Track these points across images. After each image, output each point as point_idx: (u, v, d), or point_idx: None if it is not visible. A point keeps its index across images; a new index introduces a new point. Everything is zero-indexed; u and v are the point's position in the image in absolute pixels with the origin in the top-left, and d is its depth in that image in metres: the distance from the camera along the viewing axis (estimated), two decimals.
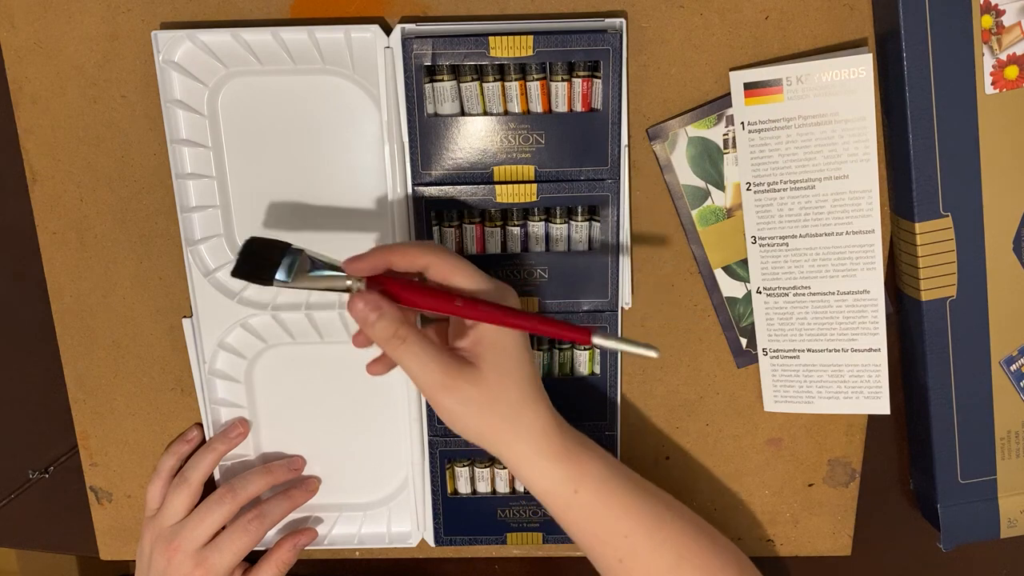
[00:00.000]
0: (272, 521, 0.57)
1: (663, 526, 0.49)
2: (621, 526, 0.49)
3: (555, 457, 0.48)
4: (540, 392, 0.49)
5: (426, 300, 0.46)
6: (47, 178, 0.56)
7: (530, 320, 0.46)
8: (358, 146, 0.54)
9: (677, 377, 0.59)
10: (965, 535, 0.58)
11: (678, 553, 0.49)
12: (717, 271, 0.56)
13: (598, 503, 0.49)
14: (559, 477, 0.48)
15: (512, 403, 0.47)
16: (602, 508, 0.49)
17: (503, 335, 0.47)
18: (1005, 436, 0.57)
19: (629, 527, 0.49)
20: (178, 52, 0.52)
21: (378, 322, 0.45)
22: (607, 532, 0.49)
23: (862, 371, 0.55)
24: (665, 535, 0.49)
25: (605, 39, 0.51)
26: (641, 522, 0.49)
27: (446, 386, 0.46)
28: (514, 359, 0.47)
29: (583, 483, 0.48)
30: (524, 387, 0.47)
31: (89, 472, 0.61)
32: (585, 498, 0.48)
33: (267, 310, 0.56)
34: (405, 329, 0.46)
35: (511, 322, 0.46)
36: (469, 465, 0.59)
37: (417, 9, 0.53)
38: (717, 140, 0.54)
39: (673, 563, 0.49)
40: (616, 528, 0.49)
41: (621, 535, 0.49)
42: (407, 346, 0.45)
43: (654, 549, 0.49)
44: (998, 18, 0.50)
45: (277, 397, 0.59)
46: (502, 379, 0.47)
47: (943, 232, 0.53)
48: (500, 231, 0.55)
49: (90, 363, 0.59)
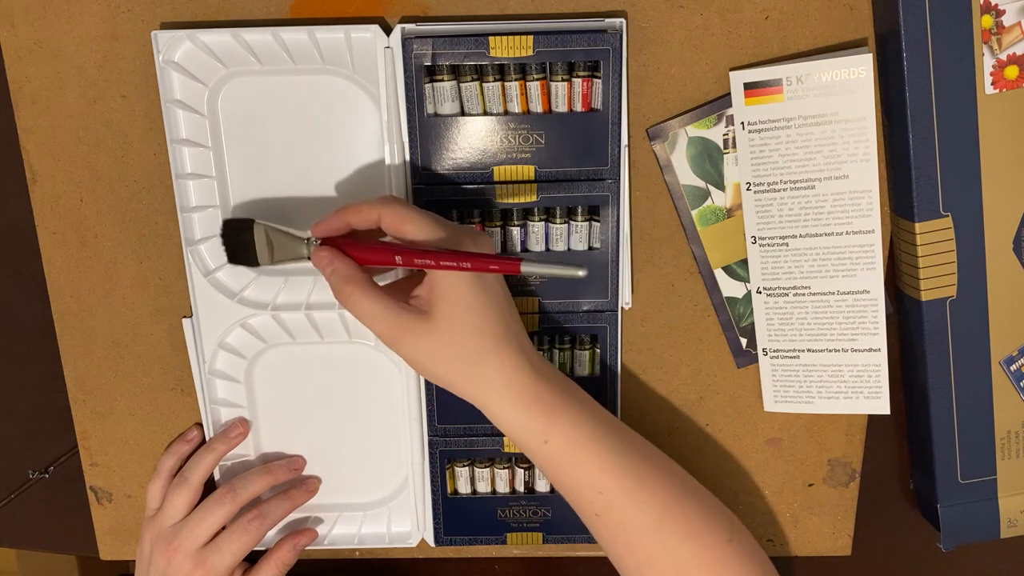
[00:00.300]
0: (272, 521, 0.57)
1: (643, 485, 0.48)
2: (595, 481, 0.48)
3: (523, 406, 0.47)
4: (507, 338, 0.48)
5: (368, 255, 0.48)
6: (47, 178, 0.56)
7: (458, 258, 0.45)
8: (358, 146, 0.54)
9: (677, 377, 0.59)
10: (965, 535, 0.58)
11: (659, 513, 0.48)
12: (717, 271, 0.56)
13: (570, 456, 0.48)
14: (528, 427, 0.48)
15: (471, 350, 0.47)
16: (574, 461, 0.48)
17: (455, 283, 0.46)
18: (1005, 436, 0.57)
19: (604, 483, 0.48)
20: (178, 52, 0.52)
21: (330, 277, 0.48)
22: (581, 486, 0.48)
23: (862, 371, 0.55)
24: (645, 494, 0.48)
25: (605, 39, 0.51)
26: (618, 479, 0.48)
27: (396, 339, 0.47)
28: (467, 306, 0.46)
29: (553, 435, 0.48)
30: (484, 334, 0.47)
31: (89, 472, 0.61)
32: (555, 449, 0.48)
33: (267, 310, 0.56)
34: (351, 286, 0.47)
35: (443, 264, 0.45)
36: (469, 465, 0.59)
37: (417, 9, 0.53)
38: (717, 140, 0.54)
39: (653, 522, 0.48)
40: (590, 483, 0.48)
41: (596, 490, 0.48)
42: (353, 301, 0.47)
43: (632, 507, 0.48)
44: (998, 18, 0.50)
45: (277, 397, 0.59)
46: (454, 327, 0.46)
47: (943, 232, 0.53)
48: (500, 231, 0.55)
49: (90, 363, 0.59)
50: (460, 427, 0.58)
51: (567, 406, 0.48)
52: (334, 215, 0.49)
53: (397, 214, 0.47)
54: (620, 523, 0.48)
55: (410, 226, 0.47)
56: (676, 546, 0.48)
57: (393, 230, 0.47)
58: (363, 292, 0.47)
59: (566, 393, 0.49)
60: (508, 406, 0.48)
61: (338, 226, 0.49)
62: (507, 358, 0.47)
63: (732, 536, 0.49)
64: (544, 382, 0.48)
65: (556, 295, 0.55)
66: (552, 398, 0.48)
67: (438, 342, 0.47)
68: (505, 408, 0.48)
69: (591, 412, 0.49)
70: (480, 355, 0.47)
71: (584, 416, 0.48)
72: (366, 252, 0.48)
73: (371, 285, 0.47)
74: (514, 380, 0.47)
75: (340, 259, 0.48)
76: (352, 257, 0.48)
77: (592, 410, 0.49)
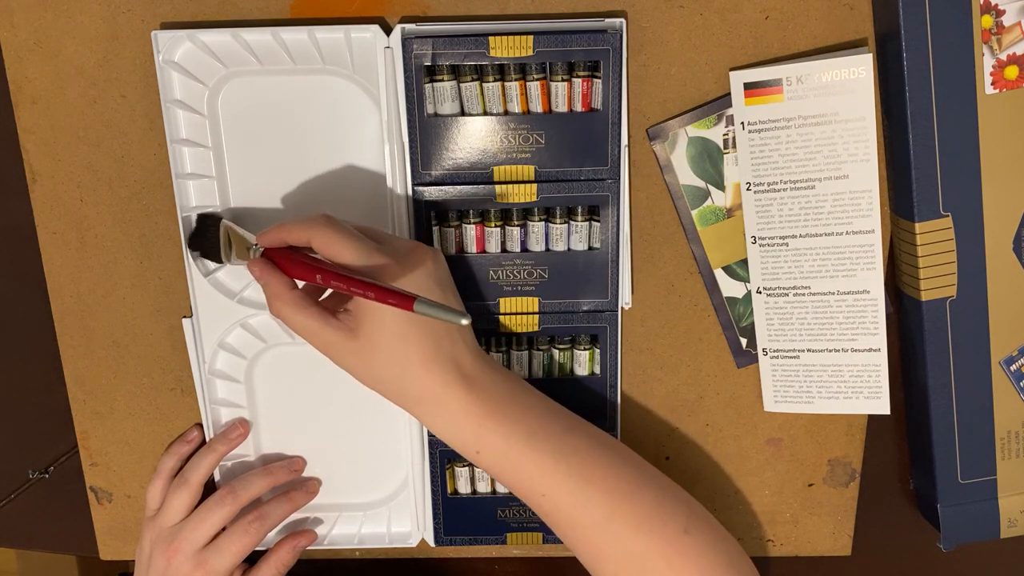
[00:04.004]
0: (273, 523, 0.57)
1: (588, 484, 0.48)
2: (536, 486, 0.48)
3: (452, 418, 0.48)
4: (434, 355, 0.48)
5: (297, 270, 0.49)
6: (47, 178, 0.56)
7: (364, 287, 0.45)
8: (358, 146, 0.54)
9: (677, 377, 0.59)
10: (965, 535, 0.58)
11: (608, 509, 0.48)
12: (717, 271, 0.56)
13: (505, 464, 0.48)
14: (459, 439, 0.49)
15: (395, 369, 0.48)
16: (510, 469, 0.49)
17: (378, 307, 0.47)
18: (1005, 436, 0.57)
19: (546, 487, 0.48)
20: (178, 52, 0.52)
21: (263, 290, 0.50)
22: (523, 490, 0.49)
23: (862, 371, 0.55)
24: (591, 493, 0.48)
25: (605, 39, 0.51)
26: (560, 482, 0.48)
27: (326, 352, 0.49)
28: (388, 330, 0.47)
29: (484, 446, 0.48)
30: (409, 355, 0.47)
31: (89, 472, 0.61)
32: (489, 459, 0.49)
33: (267, 310, 0.56)
34: (279, 302, 0.48)
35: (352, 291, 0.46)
36: (469, 465, 0.59)
37: (417, 9, 0.53)
38: (717, 140, 0.54)
39: (603, 519, 0.48)
40: (532, 487, 0.49)
41: (539, 494, 0.49)
42: (283, 316, 0.49)
43: (577, 507, 0.48)
44: (998, 18, 0.50)
45: (277, 397, 0.59)
46: (376, 347, 0.47)
47: (943, 232, 0.53)
48: (500, 231, 0.55)
49: (90, 363, 0.59)
50: None
51: (503, 416, 0.48)
52: (273, 230, 0.50)
53: (324, 237, 0.48)
54: (568, 522, 0.49)
55: (337, 249, 0.47)
56: (630, 540, 0.48)
57: (322, 252, 0.48)
58: (291, 308, 0.48)
59: (505, 402, 0.49)
60: (437, 419, 0.49)
61: (274, 240, 0.50)
62: (434, 375, 0.48)
63: (688, 527, 0.49)
64: (478, 394, 0.48)
65: (556, 295, 0.55)
66: (484, 410, 0.48)
67: (363, 359, 0.48)
68: (435, 421, 0.49)
69: (533, 416, 0.49)
70: (404, 374, 0.48)
71: (523, 423, 0.49)
72: (296, 267, 0.49)
73: (299, 300, 0.48)
74: (441, 396, 0.48)
75: (270, 273, 0.49)
76: (285, 270, 0.50)
77: (536, 414, 0.49)
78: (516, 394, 0.50)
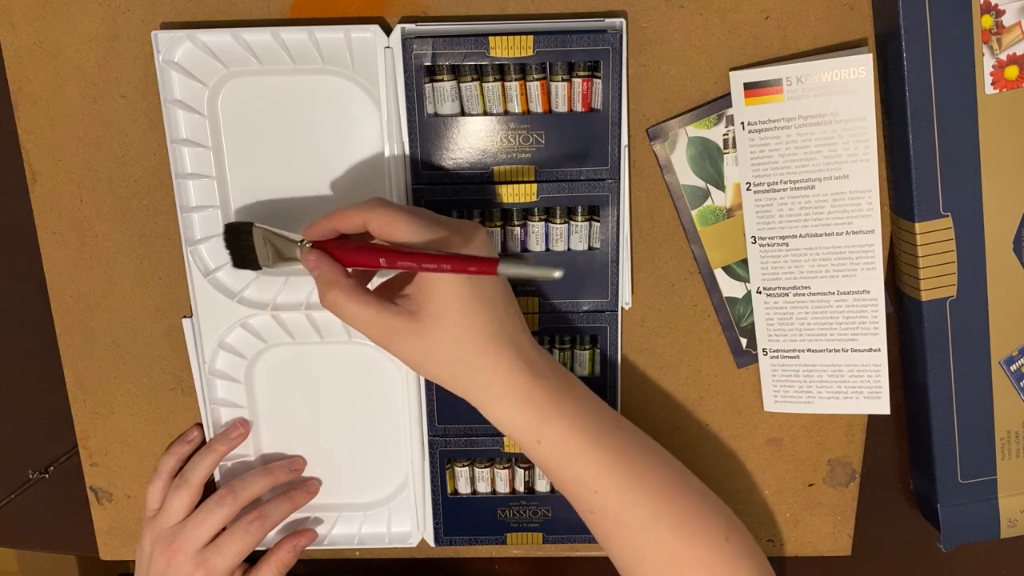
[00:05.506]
0: (273, 523, 0.57)
1: (638, 483, 0.48)
2: (590, 480, 0.48)
3: (516, 405, 0.47)
4: (499, 336, 0.47)
5: (354, 257, 0.48)
6: (47, 178, 0.56)
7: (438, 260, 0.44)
8: (358, 146, 0.54)
9: (677, 377, 0.59)
10: (965, 535, 0.58)
11: (653, 511, 0.48)
12: (717, 271, 0.56)
13: (564, 455, 0.48)
14: (521, 426, 0.48)
15: (460, 350, 0.46)
16: (569, 460, 0.48)
17: (444, 282, 0.46)
18: (1005, 436, 0.57)
19: (598, 483, 0.48)
20: (178, 52, 0.52)
21: (316, 281, 0.48)
22: (575, 484, 0.49)
23: (862, 371, 0.55)
24: (639, 493, 0.48)
25: (605, 39, 0.51)
26: (611, 479, 0.48)
27: (384, 339, 0.47)
28: (455, 306, 0.46)
29: (546, 434, 0.48)
30: (474, 333, 0.46)
31: (89, 472, 0.61)
32: (549, 449, 0.48)
33: (267, 310, 0.56)
34: (335, 290, 0.47)
35: (425, 267, 0.45)
36: (469, 465, 0.59)
37: (417, 9, 0.53)
38: (717, 140, 0.54)
39: (648, 520, 0.48)
40: (585, 481, 0.48)
41: (590, 489, 0.48)
42: (338, 305, 0.47)
43: (625, 506, 0.48)
44: (998, 18, 0.50)
45: (277, 397, 0.59)
46: (443, 327, 0.46)
47: (943, 232, 0.53)
48: (500, 231, 0.55)
49: (90, 363, 0.59)
50: (460, 427, 0.58)
51: (562, 405, 0.48)
52: (322, 220, 0.48)
53: (382, 218, 0.47)
54: (615, 521, 0.48)
55: (395, 229, 0.46)
56: (671, 543, 0.48)
57: (380, 234, 0.47)
58: (347, 296, 0.47)
59: (563, 391, 0.48)
60: (501, 405, 0.48)
61: (325, 231, 0.49)
62: (499, 357, 0.47)
63: (729, 535, 0.49)
64: (539, 381, 0.48)
65: (556, 295, 0.55)
66: (547, 397, 0.48)
67: (427, 342, 0.46)
68: (498, 407, 0.48)
69: (588, 410, 0.49)
70: (470, 354, 0.47)
71: (580, 415, 0.48)
72: (352, 254, 0.48)
73: (355, 288, 0.47)
74: (506, 379, 0.47)
75: (326, 263, 0.48)
76: (339, 259, 0.48)
77: (590, 408, 0.49)
78: (571, 385, 0.50)
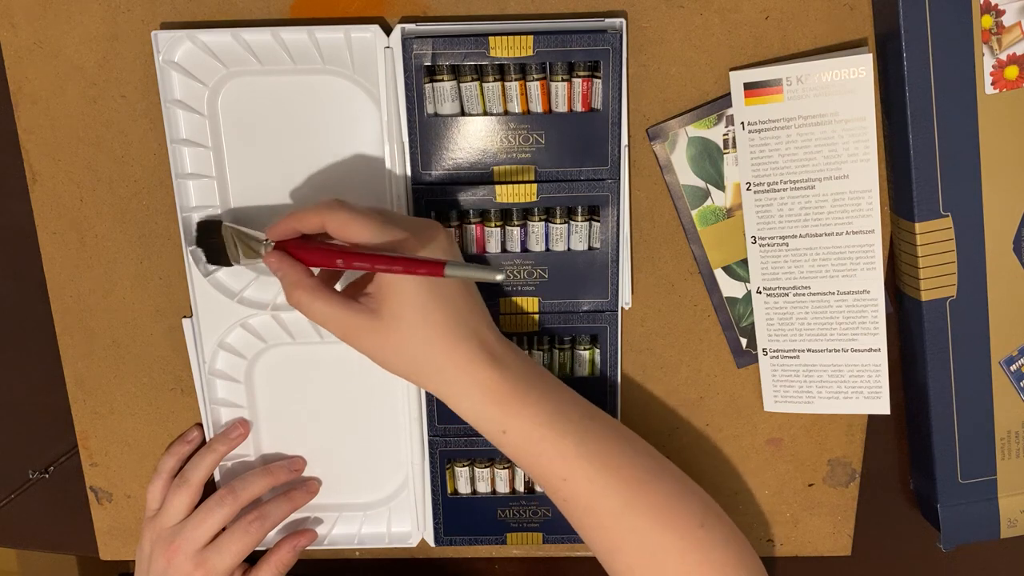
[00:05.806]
0: (273, 523, 0.57)
1: (607, 470, 0.48)
2: (558, 470, 0.48)
3: (479, 398, 0.48)
4: (460, 331, 0.48)
5: (315, 257, 0.49)
6: (47, 178, 0.56)
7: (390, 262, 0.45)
8: (358, 146, 0.54)
9: (677, 377, 0.59)
10: (965, 535, 0.58)
11: (625, 498, 0.48)
12: (717, 271, 0.56)
13: (530, 445, 0.48)
14: (485, 418, 0.48)
15: (421, 346, 0.47)
16: (534, 451, 0.48)
17: (400, 282, 0.47)
18: (1005, 436, 0.57)
19: (566, 471, 0.48)
20: (178, 52, 0.52)
21: (280, 281, 0.49)
22: (544, 473, 0.49)
23: (862, 371, 0.55)
24: (609, 480, 0.48)
25: (605, 39, 0.51)
26: (580, 467, 0.48)
27: (349, 337, 0.48)
28: (413, 304, 0.47)
29: (511, 425, 0.48)
30: (433, 329, 0.47)
31: (89, 472, 0.61)
32: (514, 439, 0.48)
33: (267, 310, 0.56)
34: (299, 290, 0.48)
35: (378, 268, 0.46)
36: (469, 465, 0.59)
37: (417, 9, 0.53)
38: (717, 140, 0.54)
39: (619, 507, 0.48)
40: (553, 471, 0.49)
41: (559, 478, 0.49)
42: (303, 304, 0.48)
43: (596, 494, 0.48)
44: (998, 18, 0.50)
45: (277, 397, 0.59)
46: (402, 325, 0.47)
47: (943, 232, 0.53)
48: (500, 231, 0.55)
49: (90, 363, 0.59)
50: (460, 427, 0.58)
51: (527, 395, 0.48)
52: (283, 220, 0.49)
53: (339, 220, 0.47)
54: (586, 509, 0.49)
55: (352, 230, 0.47)
56: (645, 531, 0.48)
57: (338, 235, 0.48)
58: (311, 295, 0.48)
59: (529, 382, 0.49)
60: (464, 398, 0.48)
61: (286, 231, 0.50)
62: (459, 351, 0.48)
63: (704, 521, 0.49)
64: (503, 372, 0.48)
65: (556, 295, 0.55)
66: (510, 388, 0.48)
67: (388, 339, 0.47)
68: (461, 399, 0.48)
69: (556, 399, 0.49)
70: (430, 350, 0.47)
71: (546, 405, 0.49)
72: (313, 254, 0.49)
73: (318, 287, 0.48)
74: (468, 373, 0.48)
75: (288, 263, 0.49)
76: (301, 259, 0.49)
77: (558, 398, 0.50)
78: (537, 376, 0.50)
